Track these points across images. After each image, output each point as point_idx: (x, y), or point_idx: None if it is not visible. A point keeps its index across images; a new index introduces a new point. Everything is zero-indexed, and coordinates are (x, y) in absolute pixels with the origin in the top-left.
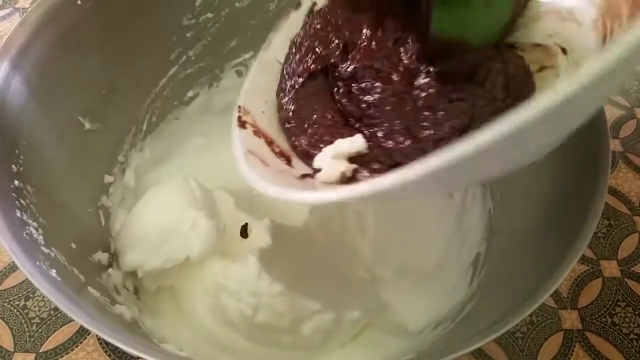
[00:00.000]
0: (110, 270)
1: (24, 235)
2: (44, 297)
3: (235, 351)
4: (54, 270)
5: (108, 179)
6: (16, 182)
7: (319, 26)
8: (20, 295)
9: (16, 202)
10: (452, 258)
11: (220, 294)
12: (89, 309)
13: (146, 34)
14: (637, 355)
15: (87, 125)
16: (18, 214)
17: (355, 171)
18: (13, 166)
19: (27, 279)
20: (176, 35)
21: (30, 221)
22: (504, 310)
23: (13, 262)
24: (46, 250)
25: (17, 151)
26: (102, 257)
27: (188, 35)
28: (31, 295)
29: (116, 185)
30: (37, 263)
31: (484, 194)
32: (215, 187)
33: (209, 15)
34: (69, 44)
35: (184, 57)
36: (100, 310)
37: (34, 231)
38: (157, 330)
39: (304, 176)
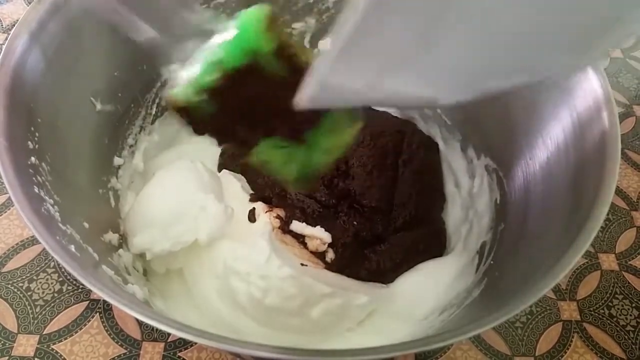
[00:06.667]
0: (120, 251)
1: (43, 210)
2: (47, 279)
3: (243, 334)
4: (72, 246)
5: (118, 161)
6: (32, 158)
7: None
8: (23, 277)
9: (33, 178)
10: (459, 246)
11: (230, 276)
12: (107, 284)
13: None
14: (634, 346)
15: (99, 107)
16: (35, 190)
17: None
18: (29, 143)
19: (30, 261)
20: None
21: (46, 198)
22: (508, 299)
23: (16, 244)
24: (63, 227)
25: (32, 128)
26: (112, 237)
27: None
28: (35, 278)
29: (125, 168)
30: (57, 238)
31: (491, 184)
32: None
33: (220, 0)
34: (83, 25)
35: None
36: (115, 288)
37: (50, 207)
38: (166, 312)
39: None
